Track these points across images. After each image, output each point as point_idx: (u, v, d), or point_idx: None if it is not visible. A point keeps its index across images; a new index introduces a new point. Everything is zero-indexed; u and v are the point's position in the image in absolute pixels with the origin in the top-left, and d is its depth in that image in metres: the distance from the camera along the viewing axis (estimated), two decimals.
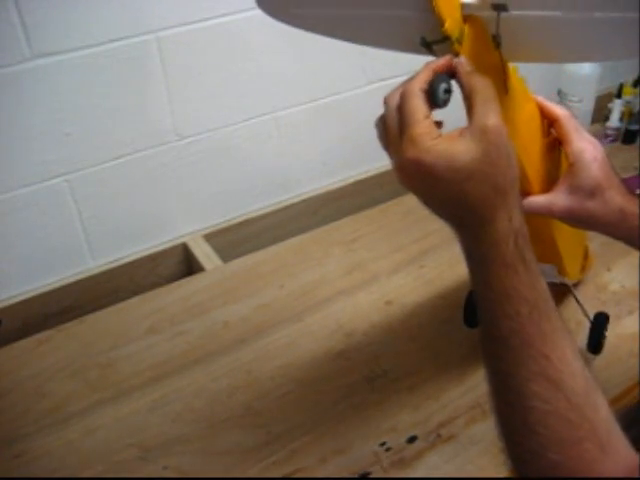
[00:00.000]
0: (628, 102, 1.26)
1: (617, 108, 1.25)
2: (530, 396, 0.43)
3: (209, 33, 0.91)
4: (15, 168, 0.86)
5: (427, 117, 0.44)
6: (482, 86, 0.44)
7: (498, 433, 0.46)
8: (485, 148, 0.43)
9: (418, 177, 0.44)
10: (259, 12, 0.96)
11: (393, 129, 0.46)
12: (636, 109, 1.27)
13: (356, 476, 0.66)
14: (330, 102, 1.07)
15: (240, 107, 1.00)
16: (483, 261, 0.45)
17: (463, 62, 0.45)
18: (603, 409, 0.43)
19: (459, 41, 0.45)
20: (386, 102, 0.47)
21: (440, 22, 0.43)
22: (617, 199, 0.59)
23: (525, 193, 0.60)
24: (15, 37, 0.77)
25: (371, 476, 0.66)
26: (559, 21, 0.43)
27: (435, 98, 0.44)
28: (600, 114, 1.29)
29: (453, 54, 0.45)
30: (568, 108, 1.20)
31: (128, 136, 0.92)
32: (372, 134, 0.50)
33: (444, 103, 0.45)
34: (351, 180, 1.15)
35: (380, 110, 0.48)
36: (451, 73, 0.46)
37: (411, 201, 0.48)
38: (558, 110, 0.61)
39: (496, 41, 0.46)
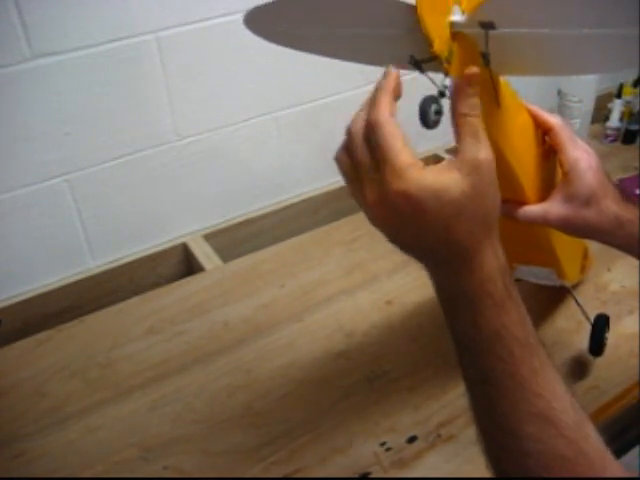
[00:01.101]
0: (628, 102, 1.26)
1: (617, 108, 1.26)
2: (526, 438, 0.42)
3: (209, 33, 0.91)
4: (15, 168, 0.86)
5: (405, 145, 0.41)
6: (474, 117, 0.43)
7: (490, 470, 0.46)
8: (475, 183, 0.41)
9: (403, 211, 0.41)
10: None
11: (364, 163, 0.42)
12: (636, 109, 1.27)
13: (356, 476, 0.66)
14: (330, 102, 1.07)
15: (240, 107, 1.00)
16: (470, 301, 0.43)
17: (460, 85, 0.43)
18: (593, 436, 0.43)
19: (448, 60, 0.44)
20: (350, 133, 0.44)
21: (429, 42, 0.43)
22: (613, 207, 0.58)
23: (520, 202, 0.60)
24: (15, 37, 0.77)
25: (371, 476, 0.66)
26: (548, 37, 0.42)
27: (427, 121, 0.42)
28: (600, 114, 1.29)
29: (443, 73, 0.45)
30: (567, 108, 1.20)
31: (128, 136, 0.92)
32: None
33: (435, 124, 0.43)
34: None
35: None
36: (440, 92, 0.44)
37: None
38: (552, 119, 0.61)
39: (485, 59, 0.45)
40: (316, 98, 1.06)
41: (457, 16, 0.44)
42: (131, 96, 0.89)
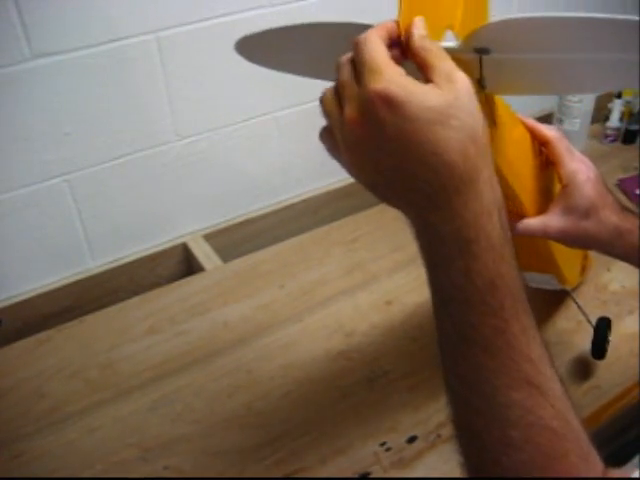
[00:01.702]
0: (628, 102, 1.26)
1: (617, 108, 1.25)
2: (512, 406, 0.37)
3: (209, 33, 0.91)
4: (15, 168, 0.86)
5: (390, 59, 0.37)
6: (433, 45, 0.39)
7: (460, 451, 0.41)
8: (457, 93, 0.36)
9: (383, 119, 0.36)
10: (259, 12, 0.96)
11: (346, 81, 0.38)
12: (636, 109, 1.27)
13: (356, 476, 0.66)
14: None
15: (240, 107, 1.00)
16: (464, 241, 0.37)
17: (414, 31, 0.39)
18: (577, 416, 0.39)
19: None
20: (337, 65, 0.40)
21: None
22: (612, 217, 0.59)
23: (519, 215, 0.60)
24: (15, 37, 0.77)
25: (371, 476, 0.66)
26: (542, 61, 0.42)
27: None
28: (600, 114, 1.29)
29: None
30: (567, 108, 1.20)
31: (128, 136, 0.92)
32: None
33: None
34: (351, 180, 1.14)
35: None
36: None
37: None
38: (548, 132, 0.60)
39: (481, 84, 0.44)
40: (316, 98, 1.05)
41: (451, 42, 0.44)
42: (131, 96, 0.89)
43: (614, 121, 1.26)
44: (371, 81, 0.36)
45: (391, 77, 0.36)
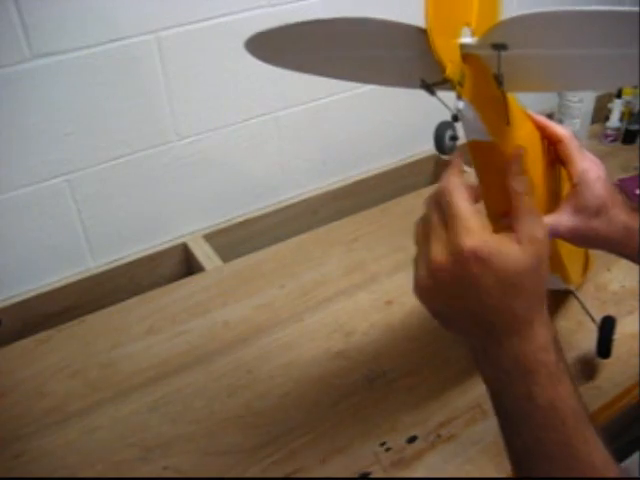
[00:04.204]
0: (628, 102, 1.26)
1: (617, 108, 1.25)
2: None
3: (209, 33, 0.91)
4: (15, 168, 0.86)
5: (475, 209, 0.43)
6: (528, 194, 0.45)
7: None
8: (534, 257, 0.43)
9: (469, 270, 0.42)
10: (259, 12, 0.96)
11: (434, 222, 0.45)
12: (636, 109, 1.27)
13: (356, 476, 0.66)
14: (330, 102, 1.07)
15: (240, 107, 1.00)
16: (525, 370, 0.43)
17: (512, 159, 0.46)
18: None
19: (460, 83, 0.44)
20: (425, 202, 0.47)
21: (441, 68, 0.43)
22: (621, 217, 0.58)
23: None
24: (15, 37, 0.77)
25: (371, 476, 0.66)
26: (557, 57, 0.43)
27: (441, 146, 0.43)
28: (600, 114, 1.29)
29: (456, 97, 0.45)
30: (567, 108, 1.20)
31: (128, 136, 0.92)
32: (371, 134, 0.50)
33: (450, 150, 0.44)
34: (351, 180, 1.15)
35: (378, 110, 0.48)
36: (453, 116, 0.45)
37: (411, 201, 0.48)
38: (561, 131, 0.61)
39: (498, 80, 0.45)
40: (316, 98, 1.06)
41: (468, 38, 0.44)
42: (131, 96, 0.89)
43: (614, 121, 1.26)
44: (463, 236, 0.42)
45: (481, 237, 0.42)
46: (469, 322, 0.44)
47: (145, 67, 0.89)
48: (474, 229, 0.42)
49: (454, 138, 0.44)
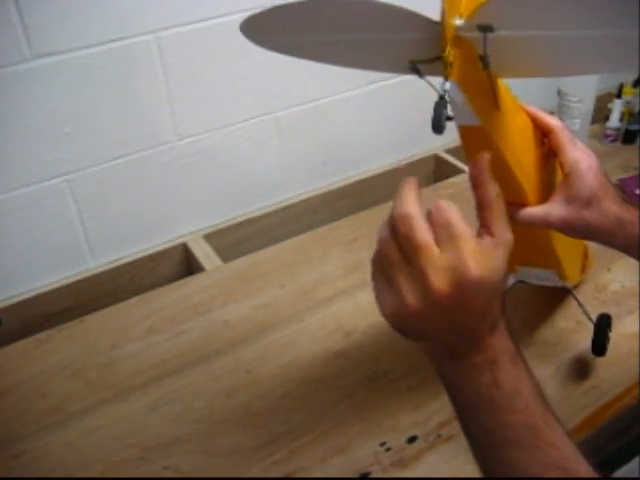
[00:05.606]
0: (628, 102, 1.26)
1: (617, 108, 1.25)
2: None
3: (209, 33, 0.91)
4: (15, 168, 0.86)
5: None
6: (499, 199, 0.44)
7: None
8: (505, 260, 0.42)
9: (465, 297, 0.40)
10: None
11: (394, 256, 0.44)
12: (636, 109, 1.27)
13: (356, 476, 0.66)
14: (330, 102, 1.07)
15: (240, 107, 1.00)
16: (491, 361, 0.44)
17: (479, 166, 0.44)
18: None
19: (450, 65, 0.44)
20: (380, 232, 0.46)
21: (442, 47, 0.43)
22: (613, 208, 0.59)
23: (520, 205, 0.60)
24: (15, 37, 0.77)
25: (371, 476, 0.66)
26: (547, 39, 0.42)
27: (439, 124, 0.42)
28: (600, 114, 1.29)
29: (444, 77, 0.44)
30: (567, 108, 1.20)
31: (128, 136, 0.92)
32: (371, 134, 0.50)
33: (443, 130, 0.43)
34: (351, 180, 1.15)
35: (378, 110, 0.47)
36: (440, 96, 0.44)
37: None
38: (552, 121, 0.61)
39: (484, 62, 0.44)
40: (316, 98, 1.06)
41: (456, 20, 0.44)
42: (131, 96, 0.89)
43: (614, 121, 1.26)
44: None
45: (452, 275, 0.40)
46: (449, 331, 0.43)
47: (145, 67, 0.89)
48: (442, 266, 0.40)
49: (449, 118, 0.44)
